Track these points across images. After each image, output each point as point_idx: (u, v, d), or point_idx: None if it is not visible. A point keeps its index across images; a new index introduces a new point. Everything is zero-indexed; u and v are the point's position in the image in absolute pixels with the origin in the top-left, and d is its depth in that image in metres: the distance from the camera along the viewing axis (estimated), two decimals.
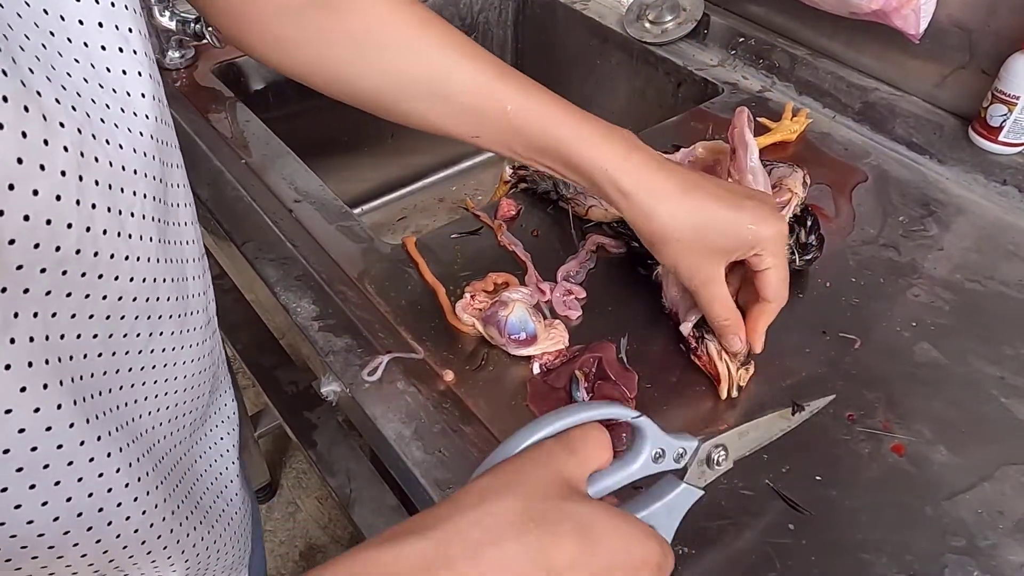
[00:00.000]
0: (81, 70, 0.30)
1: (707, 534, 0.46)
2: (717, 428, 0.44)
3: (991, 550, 0.45)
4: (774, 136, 0.79)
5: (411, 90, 0.49)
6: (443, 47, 0.48)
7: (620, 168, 0.46)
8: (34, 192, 0.26)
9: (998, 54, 0.73)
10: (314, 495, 1.50)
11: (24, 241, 0.26)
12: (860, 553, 0.45)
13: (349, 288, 0.61)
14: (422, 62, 0.48)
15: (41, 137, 0.26)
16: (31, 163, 0.25)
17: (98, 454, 0.32)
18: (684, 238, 0.47)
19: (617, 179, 0.47)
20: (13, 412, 0.28)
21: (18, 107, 0.25)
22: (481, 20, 1.13)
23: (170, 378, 0.39)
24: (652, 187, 0.47)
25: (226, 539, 0.47)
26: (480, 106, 0.48)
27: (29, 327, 0.28)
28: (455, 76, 0.48)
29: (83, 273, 0.29)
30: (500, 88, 0.48)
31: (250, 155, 0.75)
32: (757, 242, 0.47)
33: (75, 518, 0.33)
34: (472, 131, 0.49)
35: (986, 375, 0.56)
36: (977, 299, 0.62)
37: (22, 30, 0.27)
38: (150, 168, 0.34)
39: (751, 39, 0.92)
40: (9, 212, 0.25)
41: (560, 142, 0.47)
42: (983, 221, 0.71)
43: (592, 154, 0.47)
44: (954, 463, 0.50)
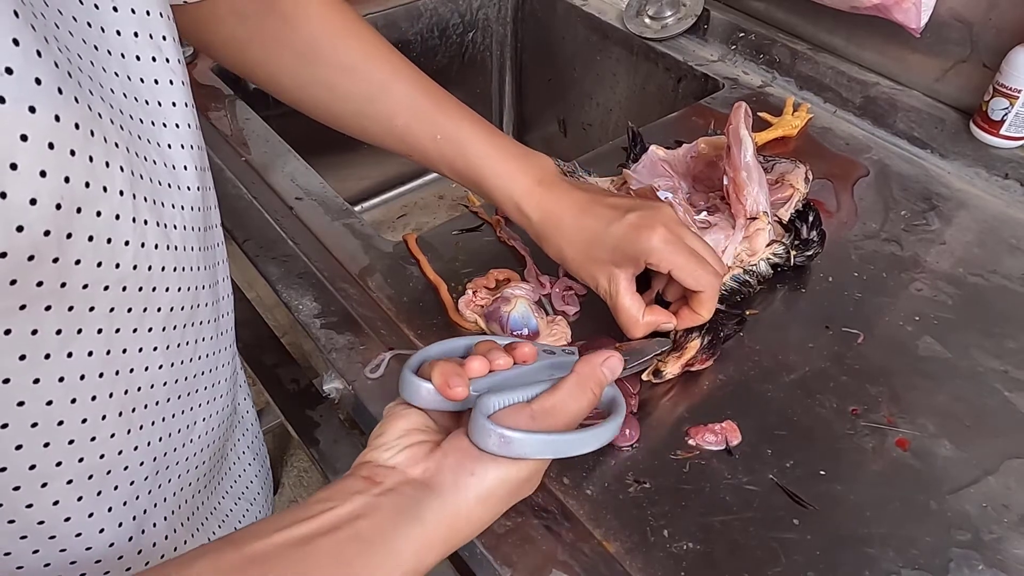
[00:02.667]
0: (120, 84, 0.30)
1: (712, 529, 0.46)
2: None
3: (996, 544, 0.45)
4: (775, 131, 0.79)
5: (349, 107, 0.52)
6: (384, 71, 0.51)
7: (524, 200, 0.52)
8: (97, 213, 0.26)
9: (999, 47, 0.73)
10: None
11: (89, 260, 0.27)
12: (865, 547, 0.45)
13: (351, 285, 0.61)
14: (362, 82, 0.51)
15: (104, 160, 0.26)
16: (96, 186, 0.26)
17: (138, 479, 0.34)
18: (577, 256, 0.51)
19: (523, 208, 0.52)
20: (64, 424, 0.29)
21: (86, 132, 0.25)
22: (481, 17, 1.13)
23: (213, 389, 0.40)
24: (550, 214, 0.52)
25: None
26: (413, 131, 0.52)
27: (92, 342, 0.28)
28: (391, 100, 0.51)
29: (140, 287, 0.30)
30: (432, 117, 0.52)
31: (250, 153, 0.75)
32: (643, 252, 0.49)
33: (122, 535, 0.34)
34: (405, 151, 0.54)
35: (989, 369, 0.56)
36: (980, 293, 0.62)
37: (76, 49, 0.27)
38: (187, 179, 0.34)
39: (751, 34, 0.92)
40: (76, 234, 0.26)
41: (479, 172, 0.52)
42: (985, 215, 0.71)
43: (502, 184, 0.52)
44: (958, 457, 0.50)
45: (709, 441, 0.50)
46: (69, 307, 0.27)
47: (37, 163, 0.23)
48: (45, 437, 0.28)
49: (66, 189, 0.25)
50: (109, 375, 0.30)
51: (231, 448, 0.50)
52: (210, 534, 0.43)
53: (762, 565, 0.44)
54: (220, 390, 0.41)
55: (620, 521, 0.46)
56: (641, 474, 0.48)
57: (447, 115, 0.52)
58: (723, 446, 0.50)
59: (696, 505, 0.47)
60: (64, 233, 0.25)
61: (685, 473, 0.49)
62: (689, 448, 0.50)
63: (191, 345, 0.36)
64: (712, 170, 0.66)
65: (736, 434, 0.50)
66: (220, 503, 0.45)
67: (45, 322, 0.26)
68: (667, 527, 0.46)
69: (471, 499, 0.32)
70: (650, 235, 0.48)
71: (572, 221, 0.51)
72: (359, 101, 0.51)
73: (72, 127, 0.24)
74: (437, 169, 0.54)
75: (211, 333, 0.38)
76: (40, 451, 0.28)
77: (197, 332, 0.36)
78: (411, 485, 0.32)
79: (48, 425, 0.28)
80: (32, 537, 0.30)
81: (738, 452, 0.50)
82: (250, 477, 0.54)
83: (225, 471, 0.48)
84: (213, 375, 0.40)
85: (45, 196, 0.24)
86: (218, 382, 0.41)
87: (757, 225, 0.58)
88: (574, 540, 0.45)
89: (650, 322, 0.51)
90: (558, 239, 0.52)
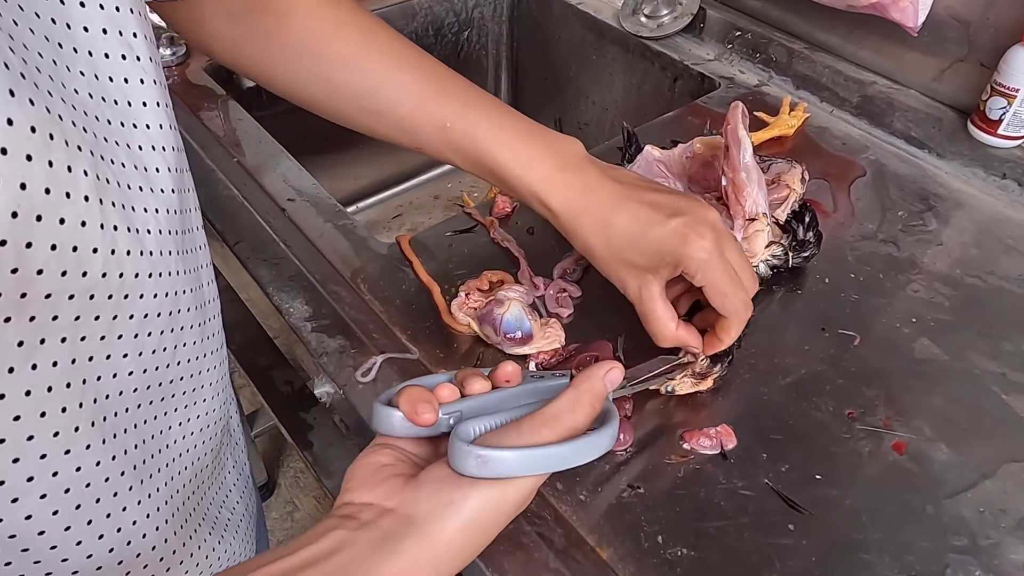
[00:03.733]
0: (87, 84, 0.29)
1: (706, 534, 0.45)
2: None
3: (993, 549, 0.45)
4: (772, 131, 0.78)
5: (349, 102, 0.49)
6: (384, 60, 0.48)
7: (546, 188, 0.47)
8: (60, 220, 0.25)
9: (997, 47, 0.72)
10: (312, 494, 1.50)
11: (52, 270, 0.26)
12: (861, 553, 0.45)
13: (343, 288, 0.61)
14: (360, 74, 0.48)
15: (65, 164, 0.25)
16: (57, 192, 0.25)
17: (121, 489, 0.33)
18: (606, 255, 0.47)
19: (544, 198, 0.47)
20: (34, 439, 0.28)
21: (44, 136, 0.24)
22: (476, 15, 1.13)
23: (195, 393, 0.39)
24: (576, 206, 0.46)
25: (236, 545, 0.48)
26: (417, 122, 0.48)
27: (56, 352, 0.27)
28: (391, 91, 0.48)
29: (110, 295, 0.29)
30: (438, 104, 0.48)
31: (242, 153, 0.75)
32: (678, 261, 0.45)
33: (102, 547, 0.33)
34: (412, 143, 0.50)
35: (987, 371, 0.55)
36: (977, 294, 0.62)
37: (36, 47, 0.26)
38: (161, 182, 0.33)
39: (748, 33, 0.92)
40: (37, 243, 0.25)
41: (494, 160, 0.47)
42: (982, 215, 0.70)
43: (521, 173, 0.47)
44: (955, 461, 0.50)
45: (704, 445, 0.50)
46: (31, 317, 0.26)
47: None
48: (14, 453, 0.27)
49: (23, 196, 0.24)
50: (77, 384, 0.29)
51: (228, 454, 0.50)
52: (200, 542, 0.43)
53: (757, 571, 0.44)
54: (204, 394, 0.40)
55: (613, 527, 0.45)
56: (635, 479, 0.48)
57: (453, 99, 0.48)
58: (718, 450, 0.50)
59: (690, 510, 0.46)
60: (23, 242, 0.24)
61: (679, 478, 0.48)
62: (684, 452, 0.50)
63: (170, 351, 0.35)
64: (708, 170, 0.65)
65: (731, 438, 0.50)
66: (208, 510, 0.45)
67: (5, 334, 0.25)
68: (661, 533, 0.45)
69: (452, 528, 0.31)
70: (696, 245, 0.44)
71: (604, 217, 0.46)
72: (359, 95, 0.48)
73: (28, 131, 0.23)
74: (451, 162, 0.50)
75: (195, 338, 0.38)
76: (8, 467, 0.28)
77: (178, 338, 0.36)
78: (388, 518, 0.31)
79: (17, 441, 0.27)
80: (4, 550, 0.30)
81: (733, 456, 0.49)
82: (240, 487, 0.53)
83: (219, 479, 0.48)
84: (196, 379, 0.39)
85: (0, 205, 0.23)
86: (202, 386, 0.40)
87: (756, 226, 0.58)
88: (566, 546, 0.44)
89: (681, 338, 0.48)
90: (586, 235, 0.46)
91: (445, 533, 0.31)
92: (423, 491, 0.32)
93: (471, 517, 0.32)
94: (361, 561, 0.30)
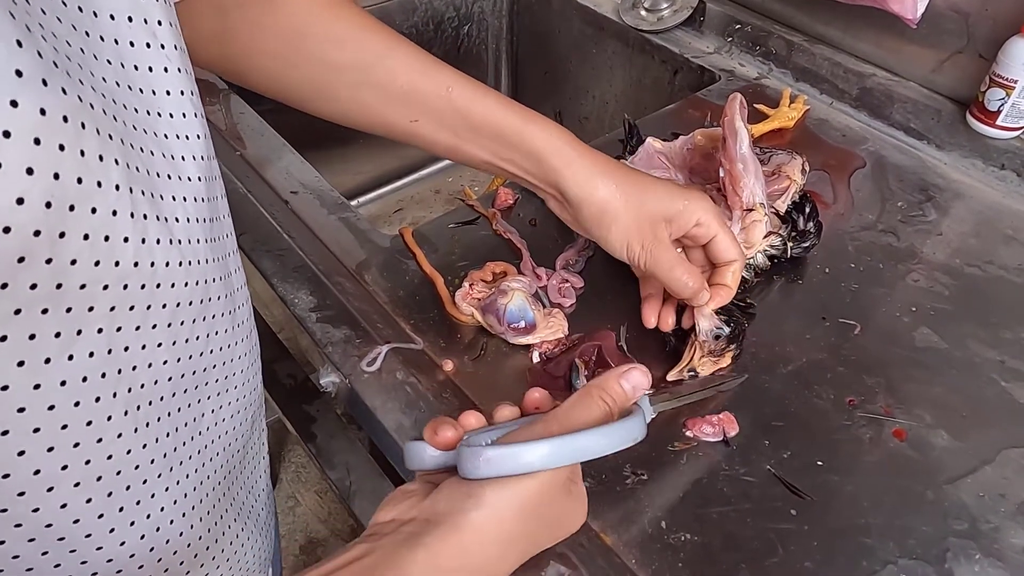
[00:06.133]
0: (113, 72, 0.29)
1: (709, 520, 0.46)
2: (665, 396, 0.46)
3: (993, 533, 0.45)
4: (772, 123, 0.79)
5: (346, 78, 0.48)
6: (379, 39, 0.48)
7: (564, 146, 0.48)
8: (92, 210, 0.25)
9: (995, 38, 0.73)
10: (313, 489, 1.50)
11: (85, 260, 0.26)
12: (862, 537, 0.45)
13: (347, 279, 0.61)
14: (356, 50, 0.48)
15: (96, 153, 0.25)
16: (89, 181, 0.25)
17: (151, 476, 0.33)
18: (625, 212, 0.48)
19: (564, 154, 0.47)
20: (68, 428, 0.28)
21: (76, 125, 0.24)
22: (476, 10, 1.13)
23: (226, 381, 0.40)
24: (593, 165, 0.48)
25: (256, 534, 0.48)
26: (419, 88, 0.48)
27: (92, 343, 0.28)
28: (390, 62, 0.48)
29: (143, 285, 0.29)
30: (439, 71, 0.48)
31: (245, 147, 0.75)
32: (694, 213, 0.48)
33: (135, 535, 0.33)
34: (412, 114, 0.49)
35: (986, 359, 0.56)
36: (976, 283, 0.62)
37: (65, 35, 0.26)
38: (188, 170, 0.33)
39: (747, 26, 0.92)
40: (70, 233, 0.25)
41: (506, 120, 0.48)
42: (981, 206, 0.71)
43: (539, 133, 0.48)
44: (955, 447, 0.50)
45: (707, 432, 0.50)
46: (67, 308, 0.26)
47: (22, 160, 0.22)
48: (49, 442, 0.28)
49: (56, 186, 0.24)
50: (112, 375, 0.29)
51: (257, 440, 0.50)
52: (227, 529, 0.43)
53: (760, 556, 0.44)
54: (235, 381, 0.41)
55: (617, 513, 0.46)
56: (638, 466, 0.48)
57: (454, 72, 0.49)
58: (720, 437, 0.50)
59: (693, 496, 0.47)
60: (56, 232, 0.24)
61: (683, 465, 0.49)
62: (687, 440, 0.50)
63: (202, 339, 0.35)
64: (709, 162, 0.65)
65: (733, 425, 0.50)
66: (236, 496, 0.45)
67: (43, 326, 0.25)
68: (664, 519, 0.46)
69: (476, 518, 0.32)
70: (701, 198, 0.48)
71: (620, 177, 0.48)
72: (355, 70, 0.48)
73: (60, 120, 0.23)
74: (452, 130, 0.49)
75: (226, 326, 0.38)
76: (44, 456, 0.28)
77: (209, 326, 0.36)
78: (410, 524, 0.33)
79: (52, 430, 0.28)
80: (40, 540, 0.30)
81: (735, 443, 0.50)
82: (264, 475, 0.54)
83: (249, 466, 0.48)
84: (227, 367, 0.39)
85: (33, 195, 0.23)
86: (233, 374, 0.40)
87: (753, 217, 0.58)
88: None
89: (695, 276, 0.49)
90: (602, 192, 0.47)
91: (469, 522, 0.32)
92: (441, 495, 0.33)
93: (494, 506, 0.33)
94: (388, 558, 0.31)
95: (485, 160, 0.49)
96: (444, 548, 0.32)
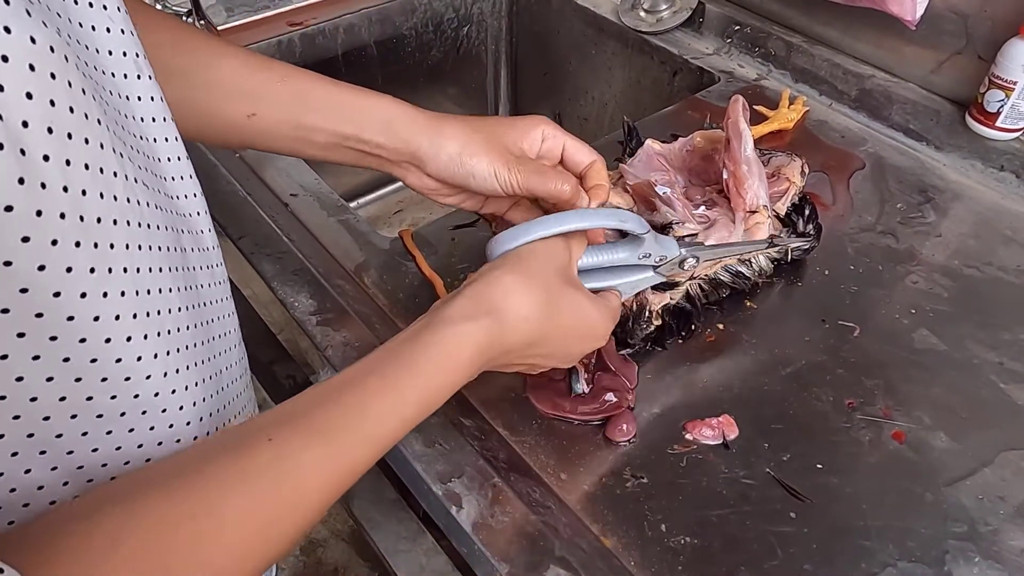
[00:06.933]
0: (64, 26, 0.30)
1: (709, 523, 0.46)
2: (696, 240, 0.55)
3: (992, 535, 0.46)
4: (771, 124, 0.79)
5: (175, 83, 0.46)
6: (205, 44, 0.47)
7: (408, 110, 0.49)
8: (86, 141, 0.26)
9: (995, 39, 0.73)
10: None
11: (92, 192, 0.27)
12: (861, 540, 0.45)
13: (346, 282, 0.61)
14: (182, 54, 0.47)
15: (80, 86, 0.26)
16: (79, 112, 0.26)
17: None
18: (482, 145, 0.49)
19: (408, 117, 0.49)
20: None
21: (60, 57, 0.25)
22: (475, 11, 1.13)
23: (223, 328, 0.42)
24: (438, 119, 0.49)
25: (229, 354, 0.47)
26: (254, 79, 0.47)
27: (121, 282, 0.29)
28: (220, 61, 0.47)
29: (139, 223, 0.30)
30: (271, 65, 0.48)
31: (244, 149, 0.75)
32: (538, 128, 0.51)
33: None
34: (247, 108, 0.48)
35: (985, 361, 0.56)
36: (975, 285, 0.62)
37: None
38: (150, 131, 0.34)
39: (747, 27, 0.92)
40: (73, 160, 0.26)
41: (346, 99, 0.48)
42: (980, 207, 0.71)
43: (379, 103, 0.49)
44: (954, 449, 0.50)
45: (706, 435, 0.50)
46: (94, 243, 0.27)
47: (21, 85, 0.23)
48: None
49: (54, 113, 0.24)
50: (141, 317, 0.30)
51: None
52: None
53: (759, 558, 0.44)
54: (231, 340, 0.42)
55: (617, 516, 0.46)
56: (638, 469, 0.49)
57: (286, 64, 0.49)
58: (720, 440, 0.50)
59: (693, 499, 0.47)
60: (63, 159, 0.25)
61: (682, 467, 0.49)
62: (686, 442, 0.50)
63: (195, 290, 0.36)
64: (708, 164, 0.65)
65: (733, 428, 0.50)
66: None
67: (77, 259, 0.26)
68: (664, 521, 0.46)
69: (493, 275, 0.42)
70: (538, 119, 0.51)
71: (458, 124, 0.49)
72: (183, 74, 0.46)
73: (48, 50, 0.24)
74: (293, 118, 0.48)
75: (207, 280, 0.39)
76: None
77: (193, 277, 0.37)
78: None
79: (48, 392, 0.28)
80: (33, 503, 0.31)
81: (735, 446, 0.50)
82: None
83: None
84: (222, 323, 0.41)
85: (36, 120, 0.23)
86: (227, 332, 0.42)
87: (757, 219, 0.58)
88: (571, 535, 0.45)
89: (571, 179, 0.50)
90: (450, 144, 0.48)
91: (490, 277, 0.42)
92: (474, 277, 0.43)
93: (503, 265, 0.42)
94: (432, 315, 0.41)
95: (330, 146, 0.49)
96: (474, 298, 0.40)
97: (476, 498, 0.46)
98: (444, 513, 0.46)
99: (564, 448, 0.50)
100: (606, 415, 0.51)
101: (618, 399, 0.51)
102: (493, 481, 0.47)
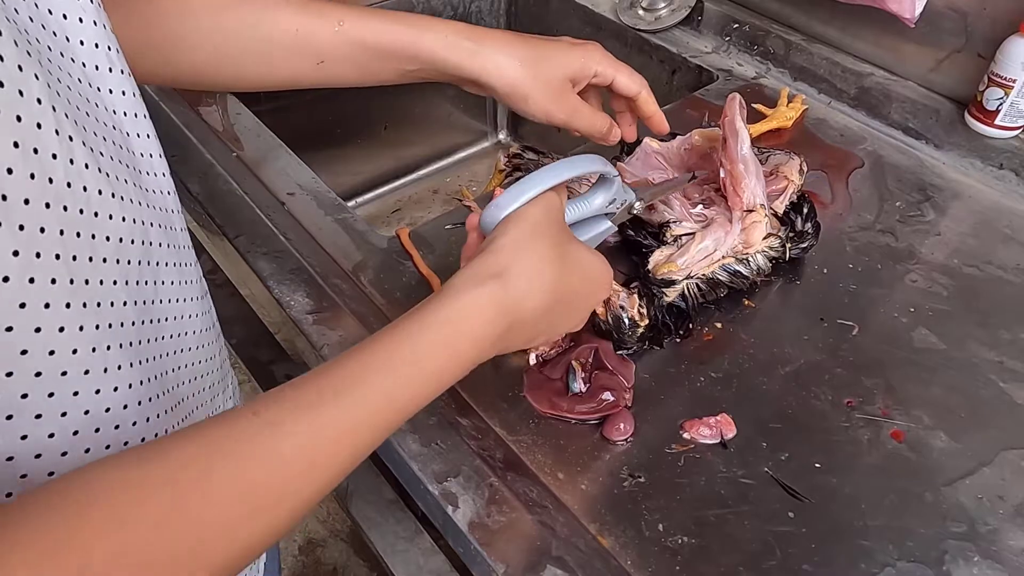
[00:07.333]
0: (26, 8, 0.29)
1: (707, 523, 0.45)
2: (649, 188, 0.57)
3: (991, 535, 0.45)
4: (770, 123, 0.79)
5: (233, 46, 0.51)
6: (258, 4, 0.51)
7: (462, 41, 0.53)
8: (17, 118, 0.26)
9: (994, 37, 0.73)
10: None
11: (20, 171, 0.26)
12: (860, 539, 0.45)
13: (343, 281, 0.61)
14: (236, 18, 0.51)
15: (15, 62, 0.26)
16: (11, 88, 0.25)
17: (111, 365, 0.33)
18: (534, 85, 0.54)
19: (463, 49, 0.53)
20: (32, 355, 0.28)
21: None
22: (473, 9, 1.12)
23: (179, 340, 0.39)
24: (494, 48, 0.53)
25: None
26: (311, 30, 0.51)
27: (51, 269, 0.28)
28: (276, 18, 0.51)
29: (80, 209, 0.29)
30: (325, 9, 0.52)
31: (242, 148, 0.75)
32: (589, 67, 0.55)
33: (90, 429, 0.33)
34: (315, 58, 0.52)
35: (984, 360, 0.56)
36: (974, 284, 0.62)
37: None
38: (115, 104, 0.34)
39: (745, 25, 0.92)
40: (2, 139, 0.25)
41: (399, 37, 0.52)
42: (980, 206, 0.70)
43: (433, 39, 0.52)
44: (953, 449, 0.50)
45: (704, 434, 0.50)
46: (19, 225, 0.26)
47: None
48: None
49: None
50: (76, 306, 0.29)
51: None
52: None
53: (757, 558, 0.44)
54: (188, 342, 0.40)
55: (615, 516, 0.46)
56: (636, 468, 0.48)
57: (340, 5, 0.52)
58: (718, 439, 0.50)
59: (691, 499, 0.47)
60: None
61: (680, 467, 0.48)
62: (684, 442, 0.50)
63: (150, 286, 0.35)
64: (706, 162, 0.65)
65: (731, 427, 0.50)
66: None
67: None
68: (662, 521, 0.46)
69: (497, 242, 0.41)
70: (593, 52, 0.55)
71: (514, 56, 0.53)
72: (243, 29, 0.51)
73: None
74: (356, 62, 0.53)
75: (173, 278, 0.38)
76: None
77: (155, 273, 0.35)
78: None
79: (10, 360, 0.27)
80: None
81: (733, 445, 0.50)
82: None
83: None
84: (179, 323, 0.39)
85: None
86: (185, 333, 0.40)
87: (754, 218, 0.58)
88: (568, 535, 0.45)
89: (607, 119, 0.59)
90: (503, 80, 0.53)
91: (493, 246, 0.41)
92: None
93: (504, 229, 0.42)
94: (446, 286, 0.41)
95: (396, 79, 0.55)
96: (480, 263, 0.40)
97: (473, 498, 0.46)
98: (441, 513, 0.46)
99: (561, 447, 0.50)
100: (603, 414, 0.51)
101: (615, 398, 0.51)
102: (490, 481, 0.47)
